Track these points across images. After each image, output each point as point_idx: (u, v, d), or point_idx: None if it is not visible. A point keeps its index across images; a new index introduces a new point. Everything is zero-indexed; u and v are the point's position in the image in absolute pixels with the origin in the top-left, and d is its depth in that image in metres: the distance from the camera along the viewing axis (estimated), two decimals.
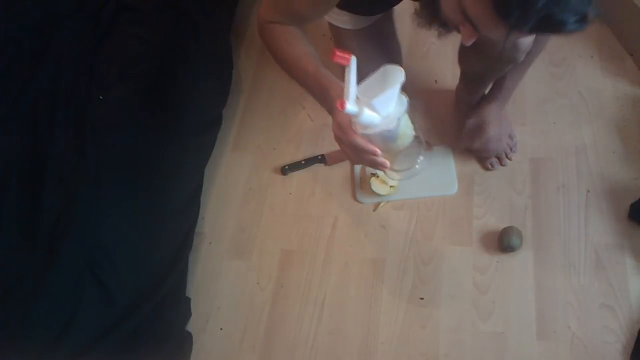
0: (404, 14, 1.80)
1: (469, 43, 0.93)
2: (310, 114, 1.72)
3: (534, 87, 1.67)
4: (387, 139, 0.97)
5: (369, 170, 1.57)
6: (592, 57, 1.72)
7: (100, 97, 1.44)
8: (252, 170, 1.65)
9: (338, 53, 0.87)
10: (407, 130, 0.99)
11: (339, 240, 1.51)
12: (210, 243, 1.54)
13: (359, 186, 1.57)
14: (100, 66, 1.50)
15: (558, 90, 1.66)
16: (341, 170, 1.62)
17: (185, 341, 1.35)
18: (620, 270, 1.38)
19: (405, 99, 0.94)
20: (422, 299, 1.40)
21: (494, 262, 1.43)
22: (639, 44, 1.66)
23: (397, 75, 0.91)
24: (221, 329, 1.41)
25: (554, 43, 1.78)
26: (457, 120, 1.59)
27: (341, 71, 0.90)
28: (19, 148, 1.36)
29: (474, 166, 1.57)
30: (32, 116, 1.41)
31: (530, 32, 0.81)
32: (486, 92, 1.53)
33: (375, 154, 0.96)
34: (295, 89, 1.76)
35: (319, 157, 1.63)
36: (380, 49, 1.49)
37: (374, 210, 1.54)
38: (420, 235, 1.49)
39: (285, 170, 1.62)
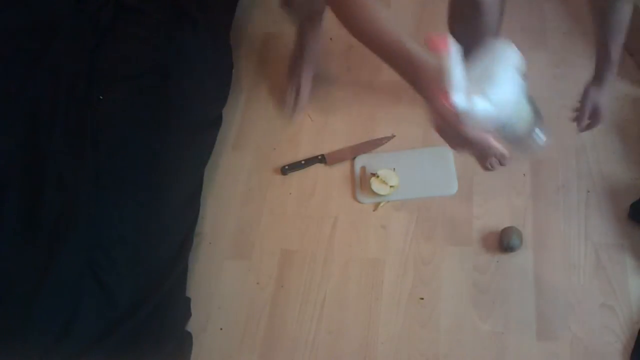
0: (405, 10, 1.81)
1: None
2: (310, 114, 1.72)
3: (534, 87, 1.66)
4: (502, 126, 0.85)
5: (369, 170, 1.57)
6: (592, 57, 1.71)
7: (100, 97, 1.44)
8: (252, 170, 1.64)
9: (434, 38, 0.76)
10: (523, 113, 0.87)
11: (339, 240, 1.51)
12: (210, 243, 1.53)
13: (359, 186, 1.57)
14: (100, 66, 1.50)
15: (558, 90, 1.66)
16: (341, 170, 1.62)
17: (185, 341, 1.35)
18: (620, 270, 1.38)
19: (520, 79, 0.82)
20: (422, 299, 1.40)
21: (494, 262, 1.43)
22: (639, 44, 1.66)
23: (509, 55, 0.81)
24: (221, 328, 1.41)
25: (554, 44, 1.78)
26: None
27: None
28: (19, 148, 1.36)
29: (473, 166, 1.57)
30: (32, 116, 1.40)
31: None
32: None
33: (491, 146, 0.83)
34: None
35: (319, 157, 1.63)
36: None
37: (374, 210, 1.54)
38: (420, 235, 1.49)
39: (285, 170, 1.62)
